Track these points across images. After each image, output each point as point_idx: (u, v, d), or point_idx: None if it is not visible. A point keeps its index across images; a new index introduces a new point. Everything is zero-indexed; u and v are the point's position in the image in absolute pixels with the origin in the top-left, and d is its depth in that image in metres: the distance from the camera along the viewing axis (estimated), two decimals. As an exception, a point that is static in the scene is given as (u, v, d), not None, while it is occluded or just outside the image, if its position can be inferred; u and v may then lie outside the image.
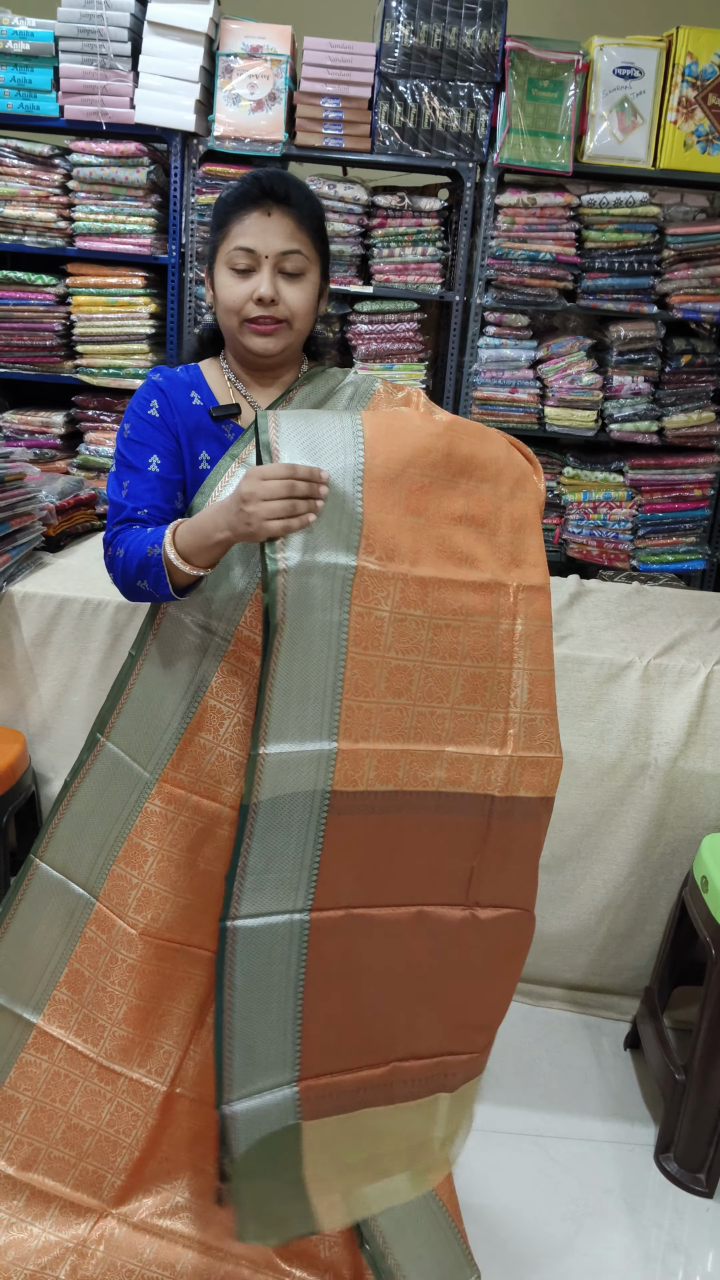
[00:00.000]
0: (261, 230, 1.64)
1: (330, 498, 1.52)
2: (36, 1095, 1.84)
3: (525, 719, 1.64)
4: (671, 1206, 2.18)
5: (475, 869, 1.65)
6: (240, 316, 1.68)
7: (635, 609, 2.92)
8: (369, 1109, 1.62)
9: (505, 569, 1.64)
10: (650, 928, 2.61)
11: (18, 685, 2.62)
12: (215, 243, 1.70)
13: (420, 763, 1.59)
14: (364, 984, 1.61)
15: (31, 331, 3.61)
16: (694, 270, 3.52)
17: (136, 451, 1.71)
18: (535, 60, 3.35)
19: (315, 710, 1.53)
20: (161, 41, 3.34)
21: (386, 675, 1.56)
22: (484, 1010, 1.72)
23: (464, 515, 1.63)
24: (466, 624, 1.60)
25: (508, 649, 1.63)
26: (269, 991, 1.55)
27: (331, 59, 3.37)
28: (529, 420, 3.68)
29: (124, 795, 1.79)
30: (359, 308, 3.61)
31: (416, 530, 1.58)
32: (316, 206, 1.71)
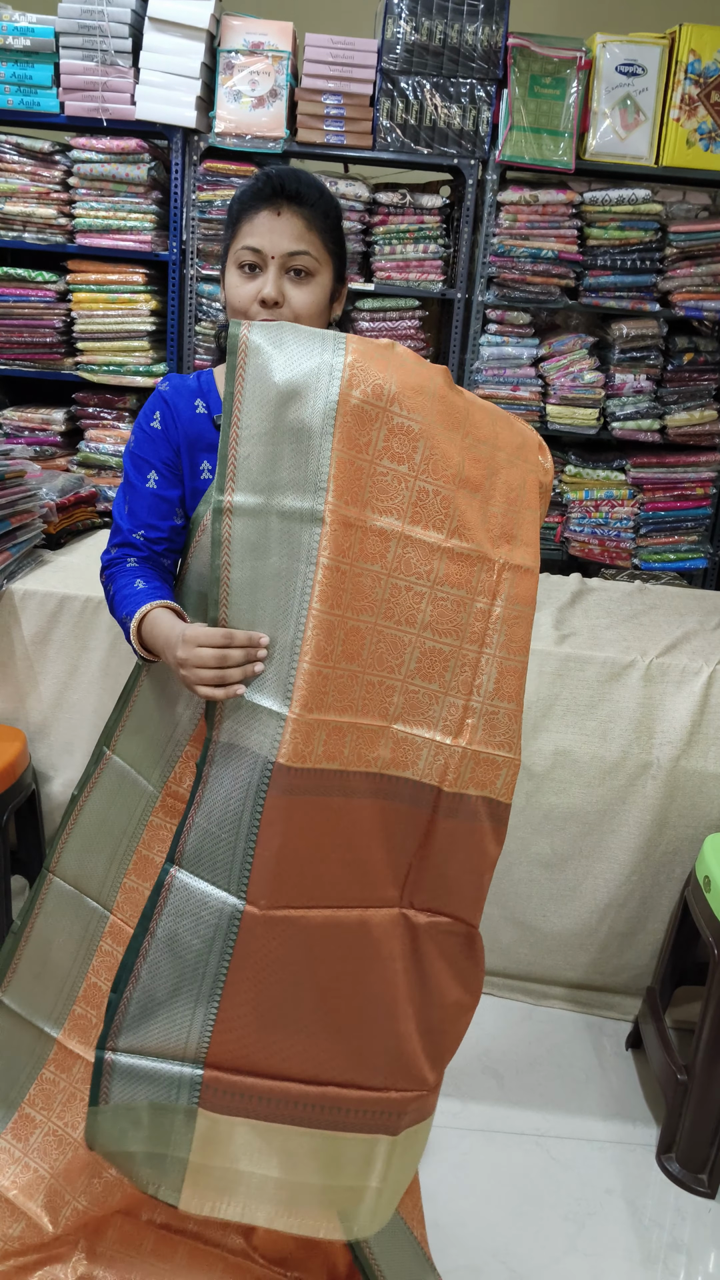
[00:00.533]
0: (269, 230, 1.61)
1: (299, 430, 1.42)
2: (51, 1117, 1.79)
3: (487, 710, 1.53)
4: (673, 1207, 2.18)
5: (413, 866, 1.54)
6: (245, 317, 1.64)
7: (637, 608, 2.92)
8: (295, 1126, 1.50)
9: (493, 543, 1.54)
10: (652, 927, 2.61)
11: (18, 683, 2.61)
12: (227, 241, 1.68)
13: (365, 739, 1.48)
14: (294, 989, 1.49)
15: (32, 328, 3.60)
16: (696, 268, 3.51)
17: (138, 467, 1.72)
18: (538, 57, 3.34)
19: (271, 667, 1.43)
20: (162, 38, 3.33)
21: (343, 637, 1.44)
22: (430, 1039, 1.58)
23: (455, 474, 1.50)
24: (433, 592, 1.48)
25: (480, 630, 1.52)
26: (184, 965, 1.49)
27: (333, 55, 3.36)
28: (531, 418, 3.67)
29: (130, 808, 1.77)
30: (360, 305, 3.60)
31: (395, 478, 1.46)
32: (331, 206, 1.67)
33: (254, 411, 1.44)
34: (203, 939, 1.47)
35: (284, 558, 1.43)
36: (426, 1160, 2.17)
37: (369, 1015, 1.52)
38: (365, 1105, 1.53)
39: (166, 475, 1.70)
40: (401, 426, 1.46)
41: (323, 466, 1.42)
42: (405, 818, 1.53)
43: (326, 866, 1.48)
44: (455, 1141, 2.27)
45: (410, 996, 1.55)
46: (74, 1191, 1.78)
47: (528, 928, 2.65)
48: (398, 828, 1.52)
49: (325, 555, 1.41)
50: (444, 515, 1.49)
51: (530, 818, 2.57)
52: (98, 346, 3.62)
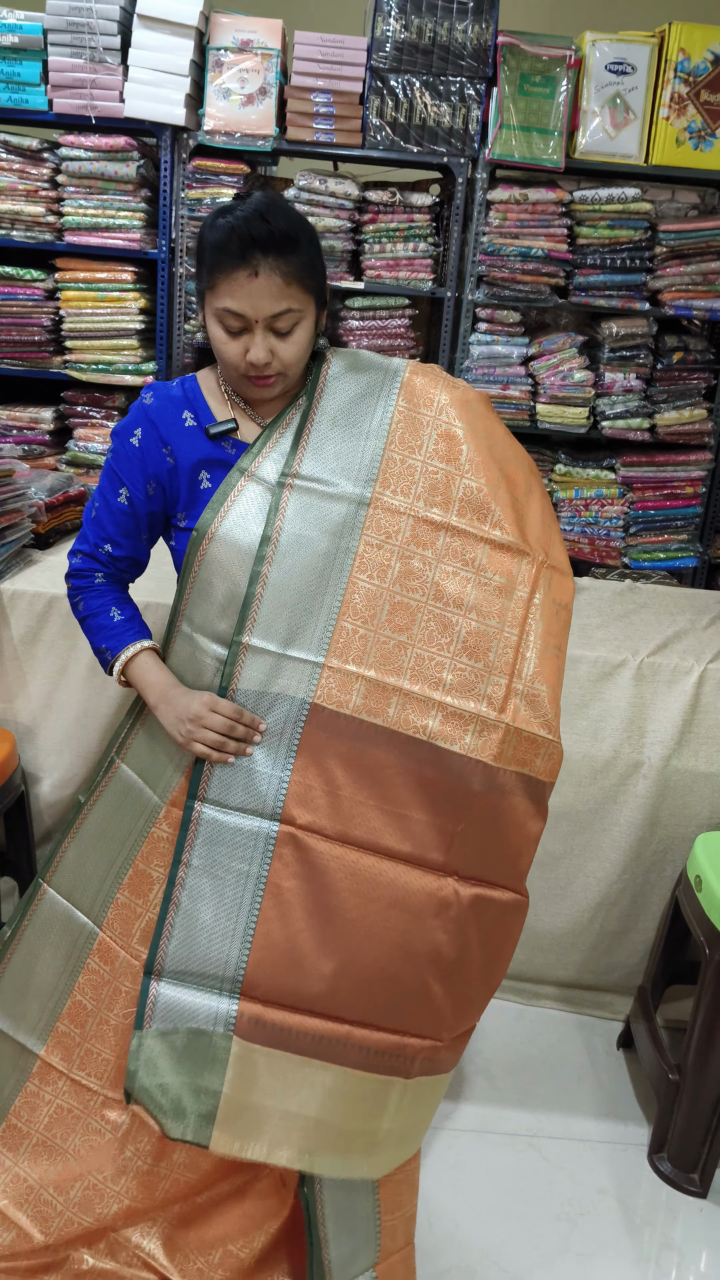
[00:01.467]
0: (249, 294, 1.56)
1: (356, 431, 1.65)
2: (38, 1128, 1.78)
3: (529, 692, 1.63)
4: (665, 1206, 2.18)
5: (458, 835, 1.61)
6: (237, 371, 1.64)
7: (628, 607, 2.92)
8: (317, 1060, 1.58)
9: (532, 544, 1.67)
10: (643, 926, 2.61)
11: (7, 683, 2.60)
12: (202, 288, 1.62)
13: (414, 706, 1.60)
14: (326, 921, 1.57)
15: (20, 327, 3.58)
16: (686, 267, 3.51)
17: (110, 480, 1.74)
18: (527, 55, 3.34)
19: (308, 623, 1.61)
20: (151, 35, 3.32)
21: (389, 609, 1.61)
22: (454, 996, 1.64)
23: (496, 479, 1.67)
24: (478, 578, 1.63)
25: (520, 616, 1.64)
26: (224, 885, 1.59)
27: (322, 53, 3.35)
28: (521, 417, 3.67)
29: (133, 819, 1.76)
30: (350, 304, 3.59)
31: (444, 475, 1.65)
32: (308, 241, 1.61)
33: (328, 409, 1.68)
34: (241, 861, 1.59)
35: (328, 531, 1.63)
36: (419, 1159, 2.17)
37: (397, 963, 1.59)
38: (382, 1047, 1.60)
39: (139, 495, 1.72)
40: (449, 432, 1.67)
41: (374, 461, 1.65)
42: (450, 790, 1.60)
43: (362, 810, 1.58)
44: (448, 1142, 2.27)
45: (442, 957, 1.61)
46: (66, 1202, 1.77)
47: (519, 927, 2.65)
48: (441, 797, 1.60)
49: (369, 534, 1.62)
50: (487, 509, 1.65)
51: (521, 817, 2.57)
52: (86, 345, 3.61)
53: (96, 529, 1.75)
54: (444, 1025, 1.65)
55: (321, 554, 1.62)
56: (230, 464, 1.69)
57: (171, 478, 1.70)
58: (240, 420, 1.72)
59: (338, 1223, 1.66)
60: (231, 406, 1.73)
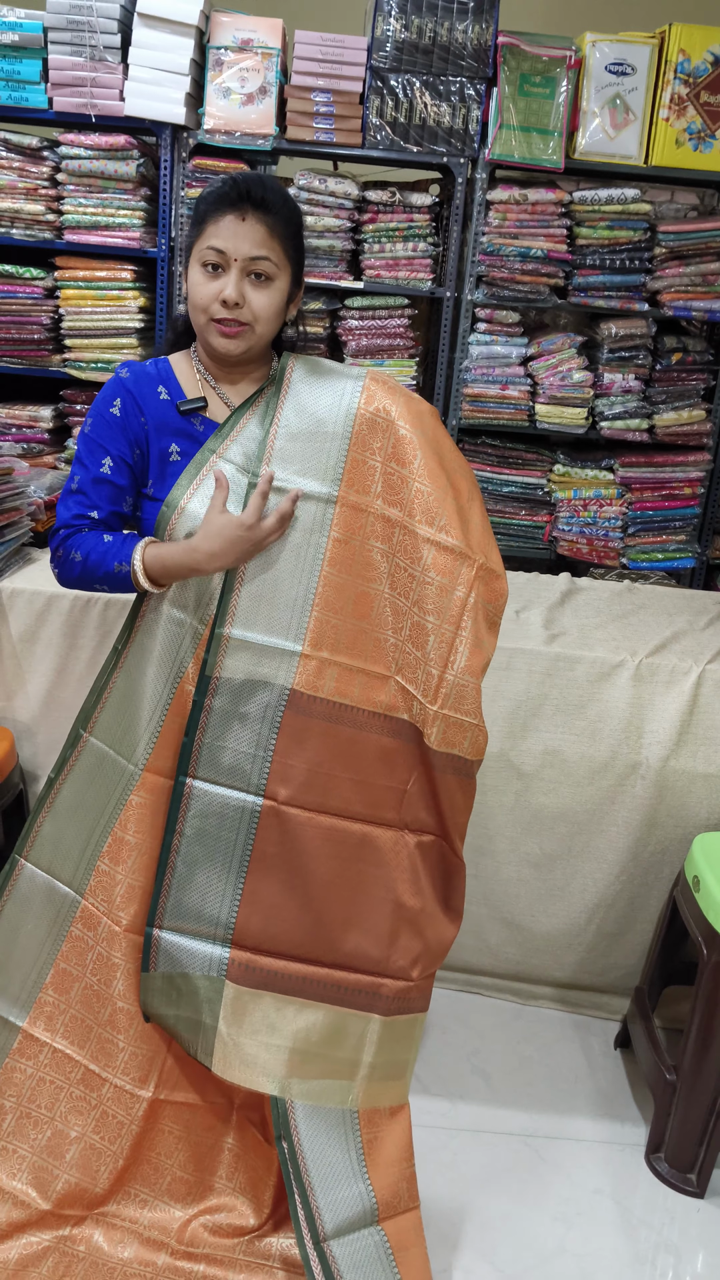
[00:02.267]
0: (233, 234, 1.68)
1: (321, 432, 1.75)
2: (21, 1101, 1.83)
3: (458, 683, 1.75)
4: (662, 1207, 2.18)
5: (406, 793, 1.79)
6: (207, 315, 1.72)
7: (626, 607, 2.92)
8: (299, 999, 1.76)
9: (473, 549, 1.78)
10: (641, 927, 2.61)
11: (6, 682, 2.60)
12: (191, 240, 1.74)
13: (374, 685, 1.76)
14: (304, 880, 1.76)
15: (19, 325, 3.58)
16: (685, 268, 3.52)
17: (92, 450, 1.77)
18: (527, 56, 3.34)
19: (285, 615, 1.74)
20: (151, 34, 3.32)
21: (354, 598, 1.75)
22: (420, 937, 1.81)
23: (444, 485, 1.78)
24: (423, 575, 1.75)
25: (457, 614, 1.75)
26: (214, 852, 1.76)
27: (323, 53, 3.34)
28: (519, 417, 3.67)
29: (109, 789, 1.81)
30: (349, 303, 3.59)
31: (399, 478, 1.75)
32: (293, 213, 1.74)
33: (291, 417, 1.77)
34: (229, 831, 1.75)
35: (302, 530, 1.74)
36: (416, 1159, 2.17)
37: (366, 910, 1.78)
38: (360, 986, 1.79)
39: (120, 465, 1.77)
40: (404, 438, 1.76)
41: (340, 462, 1.75)
42: (402, 753, 1.78)
43: (335, 782, 1.76)
44: (444, 1141, 2.27)
45: (404, 903, 1.79)
46: (62, 1166, 1.83)
47: (516, 927, 2.65)
48: (397, 761, 1.79)
49: (336, 531, 1.74)
50: (435, 513, 1.76)
51: (519, 817, 2.57)
52: (86, 343, 3.60)
53: (80, 499, 1.77)
54: (412, 964, 1.81)
55: (293, 549, 1.74)
56: (199, 440, 1.78)
57: (147, 444, 1.77)
58: (210, 399, 1.80)
59: (320, 1170, 1.73)
60: (203, 385, 1.81)
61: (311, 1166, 1.72)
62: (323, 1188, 1.72)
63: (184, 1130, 1.88)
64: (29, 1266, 1.79)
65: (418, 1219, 1.82)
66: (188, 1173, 1.89)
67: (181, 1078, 1.86)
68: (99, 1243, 1.83)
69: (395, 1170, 1.80)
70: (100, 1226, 1.85)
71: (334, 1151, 1.74)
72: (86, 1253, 1.82)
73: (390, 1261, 1.74)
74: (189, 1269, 1.82)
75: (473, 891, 2.64)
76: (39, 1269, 1.80)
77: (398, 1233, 1.77)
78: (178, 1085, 1.86)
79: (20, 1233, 1.81)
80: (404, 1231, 1.78)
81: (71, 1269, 1.81)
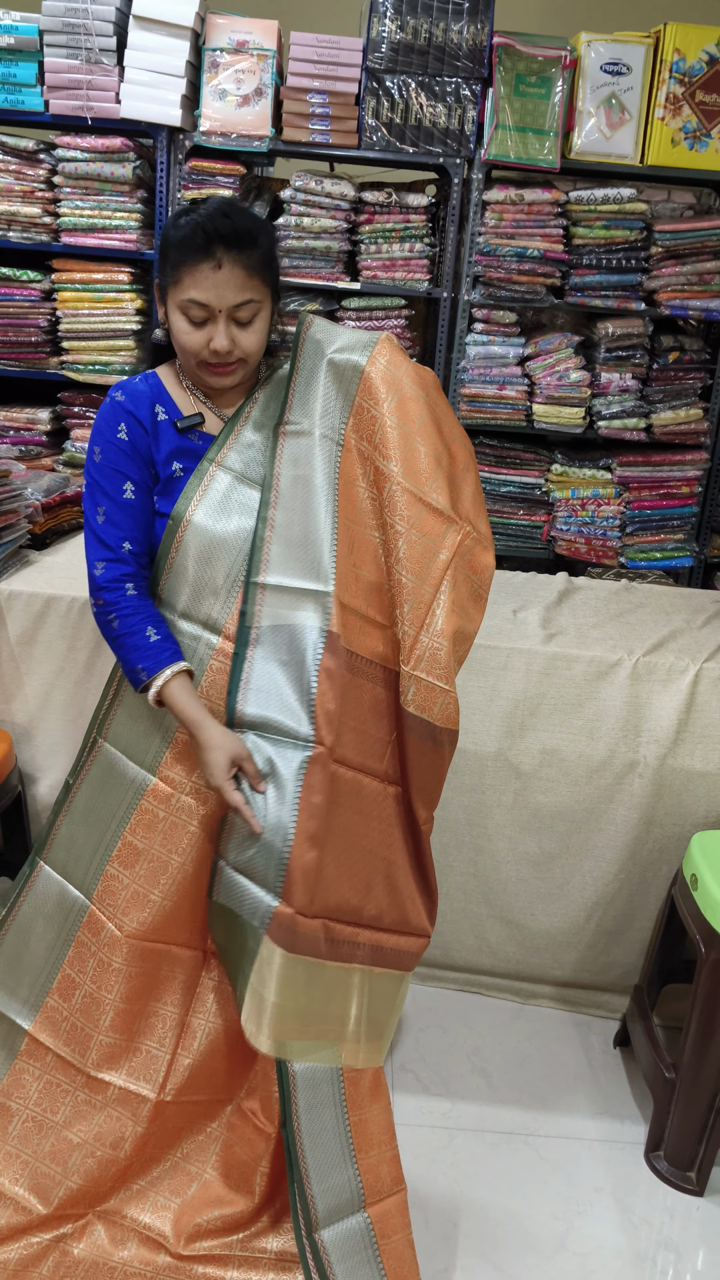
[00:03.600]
0: (213, 285, 1.66)
1: (337, 384, 1.76)
2: (27, 1104, 1.83)
3: (432, 646, 1.74)
4: (661, 1205, 2.18)
5: (391, 744, 1.77)
6: (198, 359, 1.73)
7: (624, 606, 2.92)
8: (318, 959, 1.71)
9: (461, 515, 1.79)
10: (639, 925, 2.61)
11: (4, 684, 2.60)
12: (165, 282, 1.71)
13: (372, 632, 1.75)
14: (345, 833, 1.72)
15: (16, 328, 3.58)
16: (682, 267, 3.52)
17: (110, 478, 1.75)
18: (523, 56, 3.34)
19: (314, 556, 1.72)
20: (147, 36, 3.32)
21: (356, 544, 1.75)
22: (390, 890, 1.77)
23: (442, 448, 1.78)
24: (409, 533, 1.73)
25: (438, 577, 1.74)
26: (270, 797, 1.70)
27: (318, 54, 3.35)
28: (517, 417, 3.68)
29: (120, 794, 1.81)
30: (346, 304, 3.59)
31: (400, 433, 1.74)
32: (267, 240, 1.72)
33: (309, 362, 1.78)
34: (280, 780, 1.70)
35: (316, 471, 1.75)
36: (416, 1158, 2.17)
37: (366, 865, 1.75)
38: (342, 936, 1.73)
39: (141, 488, 1.77)
40: (409, 396, 1.76)
41: (347, 406, 1.76)
42: (391, 704, 1.77)
43: (352, 732, 1.73)
44: (444, 1141, 2.27)
45: (381, 854, 1.77)
46: (65, 1172, 1.83)
47: (515, 926, 2.66)
48: (385, 710, 1.77)
49: (344, 472, 1.75)
50: (429, 475, 1.75)
51: (518, 816, 2.57)
52: (83, 346, 3.61)
53: (113, 530, 1.74)
54: (382, 914, 1.77)
55: (316, 489, 1.74)
56: (198, 453, 1.78)
57: (161, 465, 1.78)
58: (204, 413, 1.81)
59: (316, 1157, 1.72)
60: (195, 401, 1.82)
61: (309, 1152, 1.72)
62: (317, 1175, 1.72)
63: (185, 1123, 1.89)
64: (29, 1267, 1.80)
65: (403, 1202, 1.80)
66: (188, 1161, 1.90)
67: (191, 1079, 1.86)
68: (98, 1242, 1.84)
69: (377, 1153, 1.79)
70: (100, 1224, 1.85)
71: (328, 1138, 1.74)
72: (86, 1252, 1.83)
73: (374, 1249, 1.74)
74: (188, 1270, 1.83)
75: (472, 890, 2.64)
76: (39, 1269, 1.80)
77: (382, 1217, 1.76)
78: (184, 1088, 1.86)
79: (20, 1235, 1.82)
80: (388, 1215, 1.77)
81: (72, 1270, 1.81)
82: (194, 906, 1.81)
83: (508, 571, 3.19)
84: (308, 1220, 1.71)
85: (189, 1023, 1.84)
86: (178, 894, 1.79)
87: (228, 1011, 1.84)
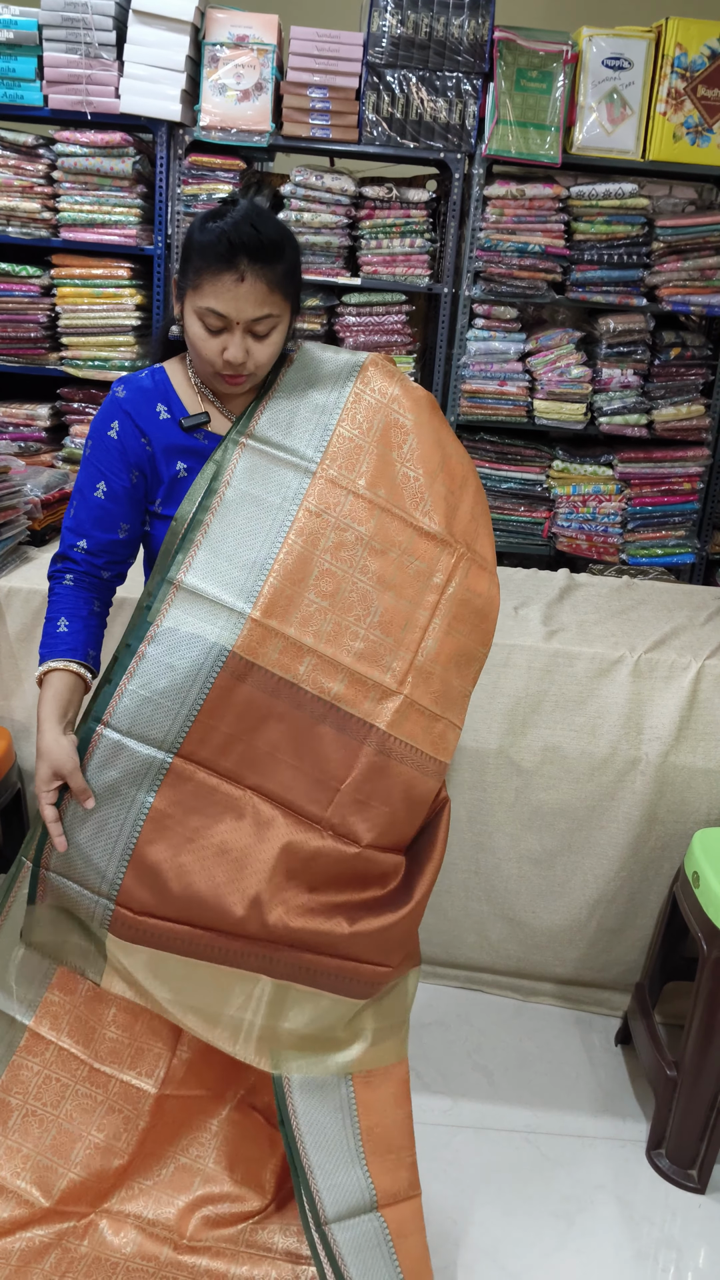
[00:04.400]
0: (233, 297, 1.62)
1: (312, 401, 1.75)
2: (27, 1099, 1.83)
3: (426, 669, 1.72)
4: (663, 1203, 2.17)
5: (339, 792, 1.69)
6: (212, 368, 1.70)
7: (626, 603, 2.91)
8: (179, 955, 1.69)
9: (456, 537, 1.77)
10: (641, 923, 2.60)
11: (3, 681, 2.59)
12: (185, 284, 1.68)
13: (325, 669, 1.69)
14: (196, 848, 1.67)
15: (16, 323, 3.57)
16: (683, 262, 3.51)
17: (89, 475, 1.76)
18: (524, 51, 3.33)
19: (241, 575, 1.68)
20: (147, 30, 3.31)
21: (317, 574, 1.69)
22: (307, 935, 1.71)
23: (434, 471, 1.76)
24: (402, 559, 1.72)
25: (433, 601, 1.73)
26: (111, 801, 1.69)
27: (318, 49, 3.34)
28: (518, 413, 3.67)
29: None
30: (346, 300, 3.58)
31: (382, 459, 1.73)
32: (292, 253, 1.68)
33: (291, 381, 1.77)
34: (129, 784, 1.68)
35: (272, 492, 1.71)
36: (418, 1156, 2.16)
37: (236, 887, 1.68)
38: (234, 946, 1.68)
39: (115, 489, 1.74)
40: (397, 421, 1.75)
41: (325, 434, 1.73)
42: (342, 748, 1.70)
43: (261, 757, 1.69)
44: (445, 1139, 2.27)
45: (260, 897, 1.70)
46: (66, 1164, 1.83)
47: (517, 924, 2.65)
48: (332, 755, 1.70)
49: (310, 502, 1.70)
50: (420, 499, 1.75)
51: (519, 814, 2.57)
52: (82, 341, 3.60)
53: (73, 527, 1.77)
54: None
55: (264, 511, 1.70)
56: (204, 453, 1.75)
57: (151, 465, 1.75)
58: (211, 413, 1.78)
59: (319, 1155, 1.71)
60: (202, 399, 1.78)
61: (310, 1150, 1.71)
62: (322, 1172, 1.71)
63: (187, 1118, 1.89)
64: (31, 1262, 1.79)
65: (418, 1207, 1.80)
66: (190, 1158, 1.89)
67: (189, 1073, 1.86)
68: (102, 1238, 1.84)
69: (394, 1158, 1.78)
70: (103, 1221, 1.85)
71: (332, 1136, 1.74)
72: (89, 1248, 1.82)
73: (389, 1247, 1.74)
74: (192, 1263, 1.82)
75: (473, 888, 2.63)
76: (41, 1264, 1.80)
77: (398, 1220, 1.76)
78: (184, 1081, 1.86)
79: (22, 1229, 1.82)
80: (404, 1219, 1.77)
81: (74, 1265, 1.81)
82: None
83: (509, 568, 3.19)
84: (315, 1214, 1.71)
85: None
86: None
87: None
